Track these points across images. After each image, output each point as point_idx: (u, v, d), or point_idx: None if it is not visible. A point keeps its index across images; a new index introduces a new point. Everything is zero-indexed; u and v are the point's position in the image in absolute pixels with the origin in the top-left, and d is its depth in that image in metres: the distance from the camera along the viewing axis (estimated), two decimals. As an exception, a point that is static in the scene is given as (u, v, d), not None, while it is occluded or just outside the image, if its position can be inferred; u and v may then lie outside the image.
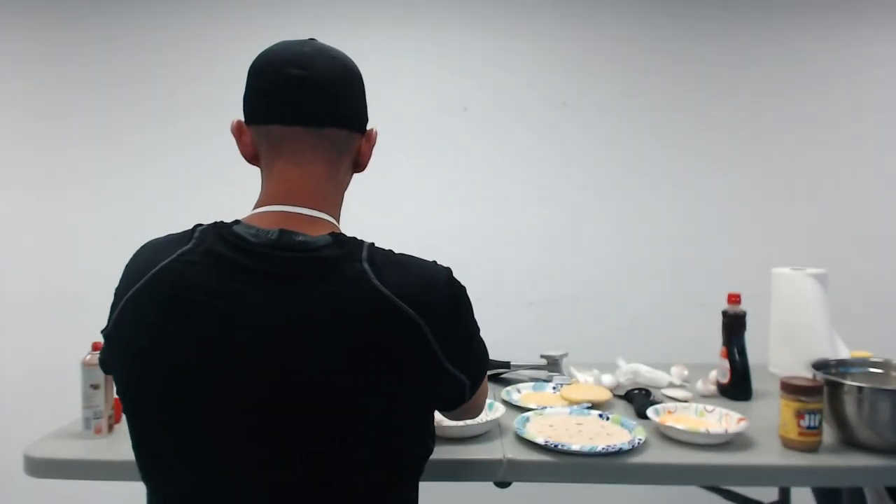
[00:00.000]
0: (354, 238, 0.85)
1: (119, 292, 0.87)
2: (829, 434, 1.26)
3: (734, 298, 1.59)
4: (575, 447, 1.20)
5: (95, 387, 1.29)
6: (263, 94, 0.91)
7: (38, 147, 2.77)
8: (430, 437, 0.92)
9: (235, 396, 0.78)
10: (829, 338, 1.64)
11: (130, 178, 2.77)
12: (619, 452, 1.20)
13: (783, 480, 1.42)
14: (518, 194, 2.62)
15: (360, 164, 0.96)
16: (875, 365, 1.39)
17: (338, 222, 0.91)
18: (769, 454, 1.22)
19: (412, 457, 0.89)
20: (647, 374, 1.64)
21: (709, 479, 1.29)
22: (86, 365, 1.30)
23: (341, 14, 2.74)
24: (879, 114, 2.79)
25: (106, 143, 2.76)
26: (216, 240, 0.83)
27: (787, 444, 1.23)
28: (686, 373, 1.68)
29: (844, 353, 1.59)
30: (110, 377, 1.31)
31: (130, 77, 2.76)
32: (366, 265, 0.80)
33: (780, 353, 1.72)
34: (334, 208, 0.91)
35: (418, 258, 0.87)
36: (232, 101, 1.00)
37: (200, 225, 0.88)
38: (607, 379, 1.61)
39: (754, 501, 1.60)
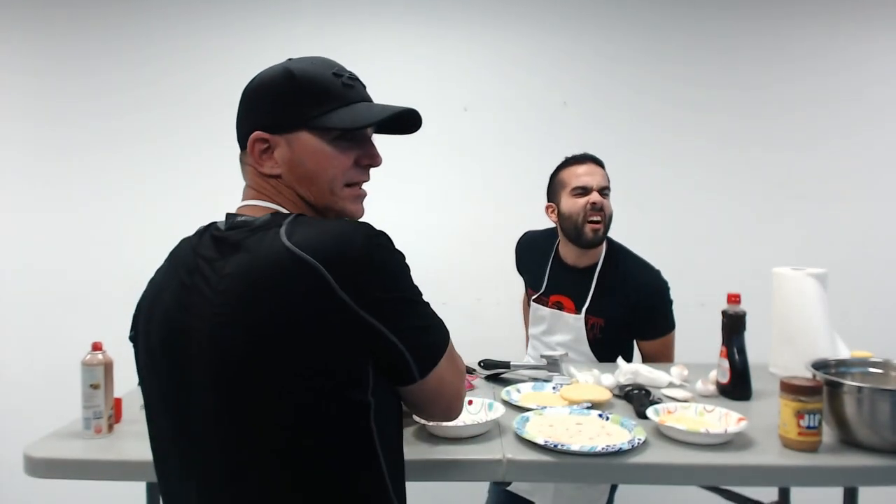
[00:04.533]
0: (282, 213, 0.96)
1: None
2: (828, 434, 1.26)
3: (734, 298, 1.59)
4: (575, 447, 1.20)
5: (95, 387, 1.29)
6: None
7: (38, 150, 2.77)
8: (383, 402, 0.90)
9: (186, 373, 0.90)
10: (829, 338, 1.63)
11: (131, 181, 2.77)
12: (619, 452, 1.20)
13: (783, 480, 1.42)
14: (518, 194, 2.62)
15: (259, 169, 1.01)
16: (875, 365, 1.39)
17: (292, 210, 0.99)
18: (769, 454, 1.22)
19: (362, 417, 0.88)
20: (647, 374, 1.64)
21: (709, 479, 1.29)
22: (86, 365, 1.30)
23: (341, 14, 2.75)
24: (880, 114, 2.79)
25: (106, 147, 2.77)
26: (201, 229, 0.99)
27: (787, 444, 1.23)
28: (686, 373, 1.68)
29: (844, 353, 1.58)
30: (110, 377, 1.32)
31: (130, 82, 2.76)
32: (282, 229, 0.88)
33: (780, 353, 1.72)
34: (292, 201, 1.00)
35: (345, 221, 0.93)
36: (234, 106, 1.03)
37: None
38: (607, 379, 1.61)
39: (754, 501, 1.60)
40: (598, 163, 2.00)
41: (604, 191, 1.95)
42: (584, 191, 1.94)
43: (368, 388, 0.87)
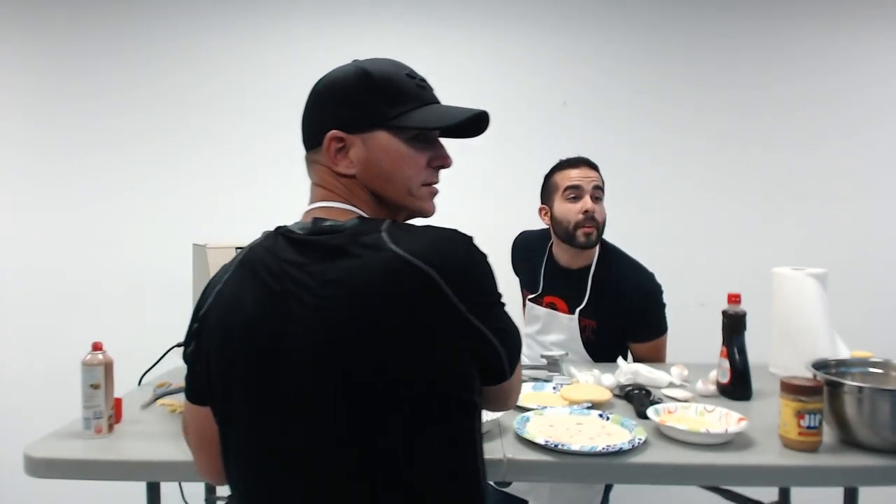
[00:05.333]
0: (374, 219, 0.95)
1: (208, 286, 0.99)
2: (829, 434, 1.26)
3: (734, 298, 1.59)
4: (575, 447, 1.20)
5: (95, 387, 1.29)
6: None
7: (38, 150, 2.77)
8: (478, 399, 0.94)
9: (286, 366, 0.87)
10: (829, 338, 1.63)
11: (131, 181, 2.77)
12: (619, 452, 1.20)
13: (783, 480, 1.42)
14: (518, 194, 2.61)
15: (334, 168, 0.99)
16: (875, 365, 1.39)
17: (371, 213, 0.99)
18: (769, 454, 1.22)
19: (463, 415, 0.92)
20: (647, 374, 1.64)
21: (709, 479, 1.29)
22: (86, 365, 1.30)
23: (341, 14, 2.75)
24: (880, 114, 2.79)
25: (106, 147, 2.77)
26: (273, 233, 0.96)
27: (787, 444, 1.23)
28: (686, 373, 1.68)
29: (844, 353, 1.58)
30: (110, 377, 1.31)
31: (130, 82, 2.76)
32: (384, 234, 0.89)
33: (780, 353, 1.72)
34: (366, 203, 0.99)
35: (440, 227, 0.94)
36: (234, 106, 1.03)
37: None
38: (607, 379, 1.61)
39: (754, 501, 1.59)
40: (592, 165, 1.99)
41: (596, 192, 1.95)
42: (576, 192, 1.93)
43: (475, 390, 0.92)
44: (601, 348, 1.93)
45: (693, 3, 2.79)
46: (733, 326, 1.58)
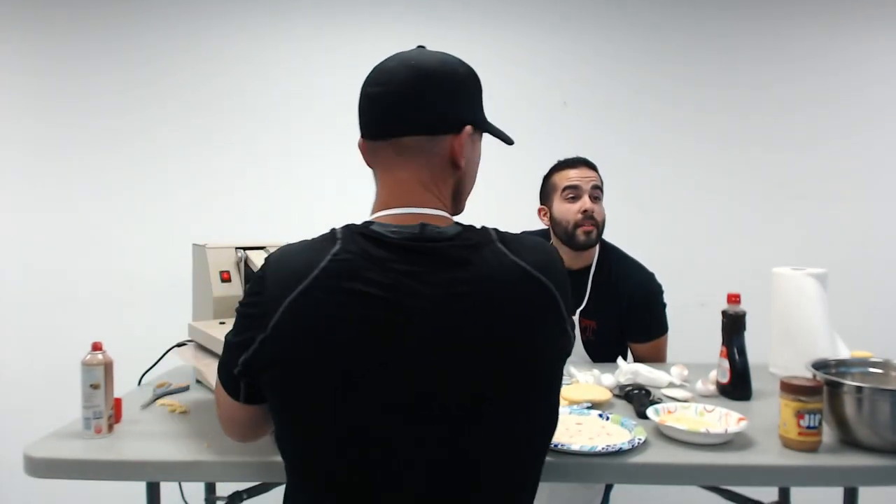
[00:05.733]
0: (474, 226, 0.96)
1: (274, 296, 0.88)
2: (828, 434, 1.26)
3: (734, 298, 1.59)
4: (575, 447, 1.20)
5: (95, 387, 1.29)
6: (358, 113, 1.01)
7: (38, 150, 2.77)
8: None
9: (409, 377, 0.86)
10: (829, 338, 1.63)
11: (131, 181, 2.77)
12: (619, 452, 1.20)
13: (783, 480, 1.42)
14: (518, 194, 2.61)
15: (455, 163, 0.98)
16: (875, 365, 1.39)
17: (447, 211, 0.99)
18: (769, 454, 1.22)
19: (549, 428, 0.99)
20: (647, 374, 1.64)
21: (709, 479, 1.29)
22: (86, 365, 1.30)
23: (341, 14, 2.75)
24: (880, 114, 2.79)
25: (106, 146, 2.77)
26: (361, 239, 0.90)
27: (787, 444, 1.23)
28: (686, 373, 1.68)
29: (844, 353, 1.58)
30: (110, 377, 1.31)
31: (130, 82, 2.76)
32: (500, 244, 0.92)
33: (780, 353, 1.72)
34: (447, 205, 0.99)
35: (534, 237, 1.02)
36: (234, 106, 1.02)
37: (333, 229, 0.94)
38: (607, 379, 1.61)
39: (754, 501, 1.59)
40: (591, 165, 1.99)
41: (595, 192, 1.94)
42: (575, 192, 1.93)
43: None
44: (601, 349, 1.93)
45: (693, 3, 2.79)
46: (733, 326, 1.58)
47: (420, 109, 0.95)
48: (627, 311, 1.92)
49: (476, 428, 0.88)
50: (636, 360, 1.96)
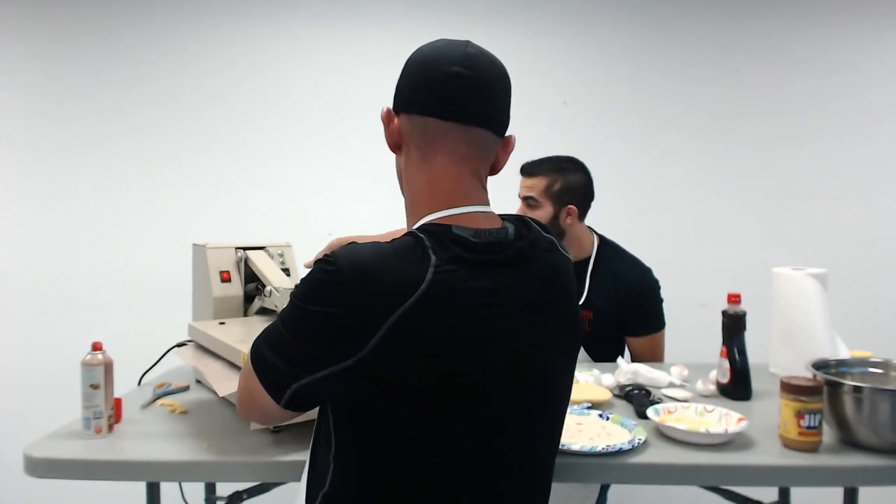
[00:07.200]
0: (514, 222, 1.00)
1: (371, 311, 0.81)
2: (828, 434, 1.26)
3: (734, 298, 1.59)
4: (575, 447, 1.20)
5: (95, 387, 1.29)
6: (423, 87, 0.93)
7: (38, 149, 2.77)
8: None
9: (524, 380, 0.91)
10: (829, 338, 1.63)
11: (131, 180, 2.77)
12: (619, 452, 1.20)
13: (783, 480, 1.42)
14: (517, 194, 2.61)
15: (494, 167, 0.99)
16: (875, 365, 1.39)
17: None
18: (769, 454, 1.22)
19: None
20: (647, 373, 1.64)
21: (709, 479, 1.29)
22: (86, 365, 1.30)
23: (341, 14, 2.74)
24: (880, 114, 2.79)
25: (106, 146, 2.77)
26: (453, 246, 0.86)
27: (787, 444, 1.23)
28: (686, 373, 1.68)
29: (844, 353, 1.58)
30: (110, 377, 1.31)
31: (130, 82, 2.77)
32: (555, 240, 1.01)
33: (780, 353, 1.72)
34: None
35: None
36: (234, 105, 1.02)
37: (413, 234, 0.88)
38: (607, 379, 1.61)
39: (754, 501, 1.60)
40: (528, 172, 2.02)
41: (528, 201, 1.98)
42: (522, 202, 2.01)
43: None
44: (599, 343, 1.93)
45: (693, 3, 2.79)
46: (733, 326, 1.58)
47: (499, 107, 0.95)
48: (623, 303, 1.92)
49: (544, 425, 0.98)
50: (634, 357, 1.96)
